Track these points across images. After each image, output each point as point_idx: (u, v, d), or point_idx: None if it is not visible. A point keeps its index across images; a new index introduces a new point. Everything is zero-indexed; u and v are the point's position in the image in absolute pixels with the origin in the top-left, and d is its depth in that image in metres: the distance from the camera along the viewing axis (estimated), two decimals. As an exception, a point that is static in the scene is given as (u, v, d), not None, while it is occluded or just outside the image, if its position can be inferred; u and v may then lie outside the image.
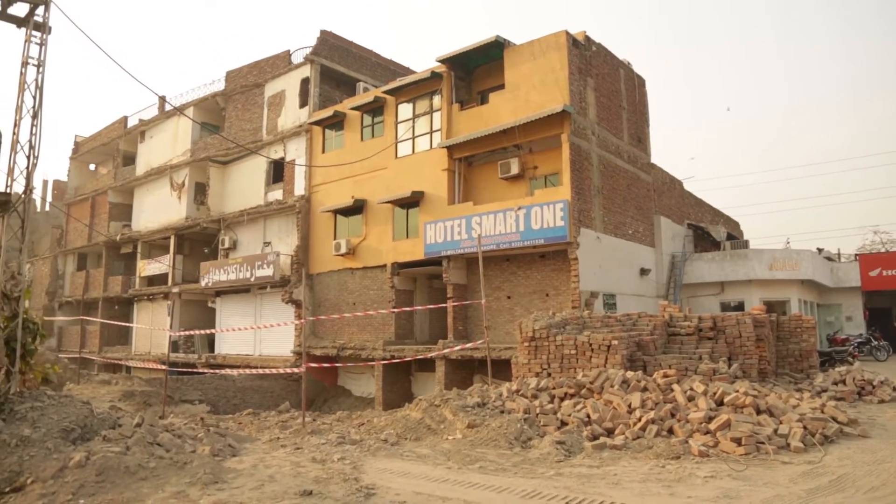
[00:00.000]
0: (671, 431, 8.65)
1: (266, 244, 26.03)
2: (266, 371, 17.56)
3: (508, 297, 19.02)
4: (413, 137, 21.58)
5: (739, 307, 22.08)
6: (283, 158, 25.83)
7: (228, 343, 26.67)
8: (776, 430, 8.08)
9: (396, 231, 21.68)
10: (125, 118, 35.23)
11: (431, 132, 21.05)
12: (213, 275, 26.09)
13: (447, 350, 17.70)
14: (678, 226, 24.80)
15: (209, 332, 25.68)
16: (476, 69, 21.00)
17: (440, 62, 20.33)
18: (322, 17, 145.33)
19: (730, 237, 27.85)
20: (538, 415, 9.78)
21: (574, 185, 17.65)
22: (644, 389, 10.03)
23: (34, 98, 9.18)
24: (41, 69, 9.30)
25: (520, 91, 18.81)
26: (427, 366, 20.15)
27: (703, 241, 26.66)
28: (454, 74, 20.62)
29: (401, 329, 21.42)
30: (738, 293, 23.05)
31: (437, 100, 20.87)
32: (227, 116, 28.69)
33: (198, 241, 30.39)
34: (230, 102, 28.63)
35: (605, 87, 20.43)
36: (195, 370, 23.42)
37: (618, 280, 19.55)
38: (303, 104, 25.39)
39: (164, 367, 16.61)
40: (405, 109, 21.95)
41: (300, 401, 14.38)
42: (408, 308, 20.85)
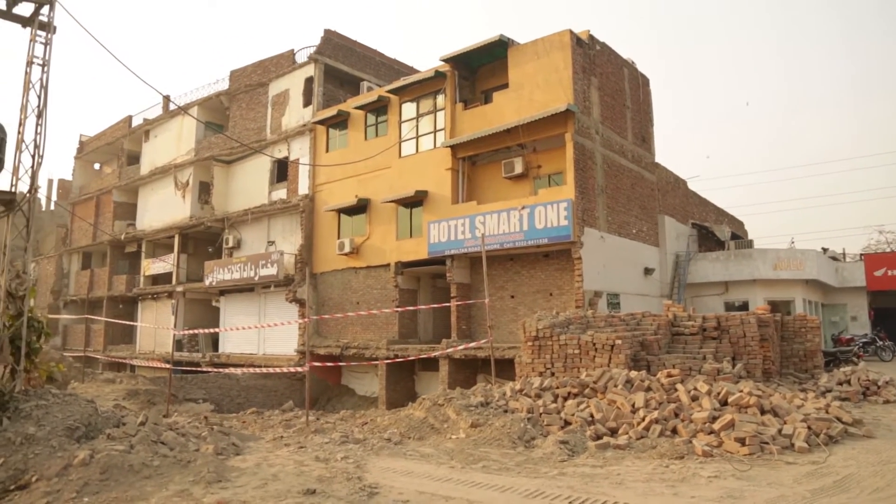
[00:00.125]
0: (675, 431, 8.64)
1: (270, 243, 26.06)
2: (270, 370, 17.58)
3: (512, 297, 19.00)
4: (417, 137, 21.59)
5: (744, 307, 22.03)
6: (287, 158, 25.87)
7: (232, 342, 26.72)
8: (780, 431, 8.06)
9: (400, 230, 21.68)
10: (130, 118, 35.32)
11: (435, 131, 21.05)
12: (217, 274, 26.14)
13: (451, 349, 17.70)
14: (682, 225, 24.75)
15: (213, 331, 25.72)
16: (480, 68, 20.99)
17: (444, 61, 20.33)
18: (326, 17, 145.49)
19: (734, 237, 27.78)
20: (542, 414, 9.77)
21: (578, 185, 17.63)
22: (648, 389, 10.02)
23: (39, 97, 9.20)
24: (46, 69, 9.31)
25: (523, 90, 18.79)
26: (430, 365, 20.15)
27: (708, 241, 26.59)
28: (458, 74, 20.61)
29: (404, 328, 21.43)
30: (743, 293, 22.99)
31: (441, 99, 20.87)
32: (232, 116, 28.73)
33: (202, 241, 30.46)
34: (234, 102, 28.68)
35: (609, 87, 20.40)
36: (199, 369, 23.47)
37: (621, 279, 19.52)
38: (307, 103, 25.41)
39: (169, 366, 16.63)
40: (409, 109, 21.95)
41: (304, 400, 14.41)
42: (411, 307, 20.86)
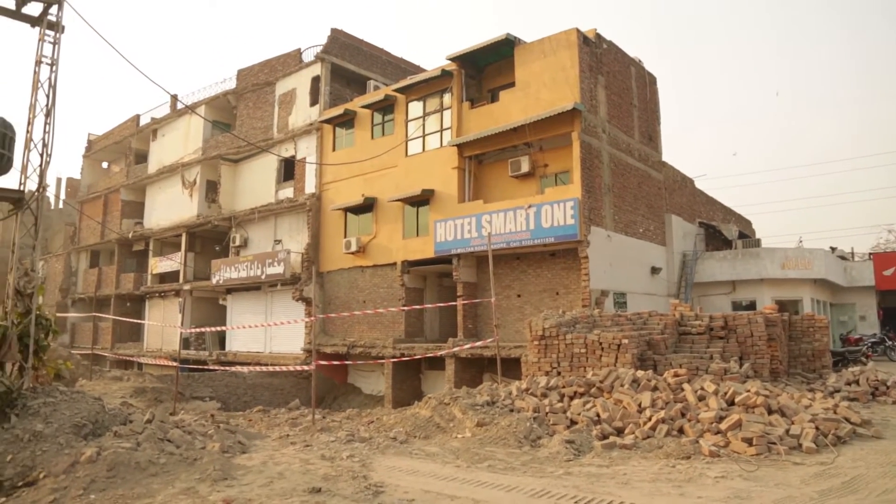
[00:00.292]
0: (681, 431, 8.60)
1: (277, 242, 26.12)
2: (276, 368, 17.65)
3: (518, 296, 18.98)
4: (423, 136, 21.58)
5: (751, 306, 21.92)
6: (294, 156, 25.91)
7: (239, 340, 26.80)
8: (788, 431, 8.01)
9: (406, 229, 21.69)
10: (137, 117, 35.46)
11: (442, 130, 21.03)
12: (224, 272, 26.22)
13: (457, 348, 17.69)
14: (689, 224, 24.65)
15: (220, 330, 25.81)
16: (486, 67, 20.95)
17: (450, 60, 20.31)
18: (333, 16, 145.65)
19: (742, 236, 27.64)
20: (548, 414, 9.76)
21: (584, 184, 17.58)
22: (654, 389, 9.98)
23: (47, 96, 9.26)
24: (54, 68, 9.37)
25: (530, 89, 18.75)
26: (437, 364, 20.15)
27: (715, 240, 26.47)
28: (464, 72, 20.58)
29: (411, 327, 21.43)
30: (750, 292, 22.88)
31: (448, 98, 20.85)
32: (239, 115, 28.81)
33: (209, 239, 30.57)
34: (241, 101, 28.75)
35: (616, 85, 20.33)
36: (206, 367, 23.55)
37: (628, 279, 19.46)
38: (313, 102, 25.45)
39: (176, 364, 16.70)
40: (415, 107, 21.94)
41: (310, 398, 14.44)
42: (418, 306, 20.86)
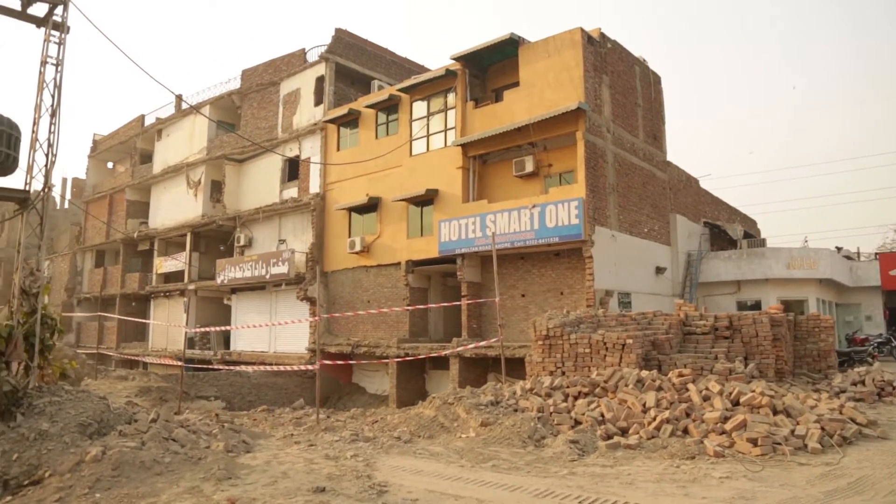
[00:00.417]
0: (686, 431, 8.58)
1: (281, 242, 26.15)
2: (281, 368, 17.67)
3: (523, 296, 18.96)
4: (427, 135, 21.58)
5: (756, 306, 21.85)
6: (299, 156, 25.94)
7: (244, 340, 26.85)
8: (793, 431, 7.99)
9: (411, 229, 21.69)
10: (142, 117, 35.55)
11: (446, 130, 21.03)
12: (229, 272, 26.28)
13: (461, 348, 17.69)
14: (694, 224, 24.59)
15: (225, 329, 25.86)
16: (490, 67, 20.94)
17: (455, 60, 20.30)
18: (337, 16, 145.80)
19: (747, 235, 27.56)
20: (552, 413, 9.75)
21: (589, 183, 17.55)
22: (659, 389, 9.96)
23: (53, 97, 9.28)
24: (60, 68, 9.38)
25: (534, 88, 18.73)
26: (441, 364, 20.16)
27: (720, 240, 26.41)
28: (469, 72, 20.57)
29: (415, 327, 21.44)
30: (755, 292, 22.81)
31: (452, 98, 20.85)
32: (243, 114, 28.85)
33: (214, 239, 30.63)
34: (246, 101, 28.80)
35: (621, 85, 20.29)
36: (211, 367, 23.60)
37: (633, 278, 19.42)
38: (318, 102, 25.47)
39: (181, 364, 16.73)
40: (420, 107, 21.95)
41: (314, 398, 14.45)
42: (422, 306, 20.87)
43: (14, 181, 28.22)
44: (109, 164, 40.69)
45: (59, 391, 8.43)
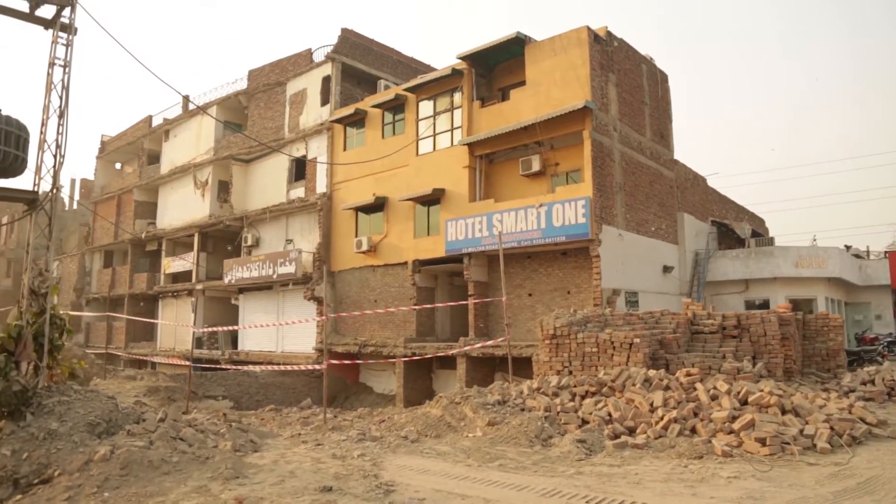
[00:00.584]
0: (694, 431, 8.55)
1: (288, 241, 26.22)
2: (288, 368, 17.73)
3: (530, 295, 18.94)
4: (434, 135, 21.57)
5: (764, 305, 21.75)
6: (305, 156, 25.99)
7: (251, 340, 26.94)
8: (802, 431, 7.94)
9: (417, 228, 21.70)
10: (150, 117, 35.71)
11: (452, 129, 21.02)
12: (236, 272, 26.36)
13: (468, 347, 17.69)
14: (702, 223, 24.49)
15: (232, 329, 25.95)
16: (497, 66, 20.91)
17: (461, 59, 20.28)
18: (343, 16, 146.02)
19: (755, 234, 27.43)
20: (559, 413, 9.73)
21: (596, 182, 17.51)
22: (666, 388, 9.93)
23: (60, 98, 9.33)
24: (67, 69, 9.43)
25: (541, 87, 18.69)
26: (448, 363, 20.15)
27: (728, 239, 26.29)
28: (475, 71, 20.55)
29: (422, 326, 21.45)
30: (763, 291, 22.70)
31: (458, 97, 20.83)
32: (250, 115, 28.93)
33: (221, 239, 30.72)
34: (252, 101, 28.87)
35: (627, 83, 20.23)
36: (219, 366, 23.68)
37: (640, 277, 19.37)
38: (324, 102, 25.51)
39: (188, 363, 16.81)
40: (426, 107, 21.94)
41: (322, 397, 14.48)
42: (429, 305, 20.87)
43: (23, 182, 28.40)
44: (117, 165, 40.90)
45: (68, 391, 8.48)
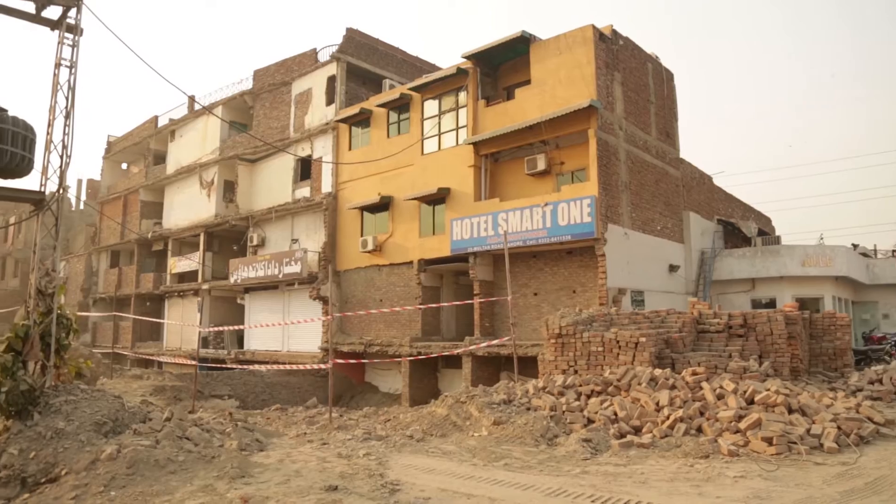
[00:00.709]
0: (700, 430, 8.53)
1: (294, 241, 26.26)
2: (294, 367, 17.76)
3: (535, 294, 18.91)
4: (439, 134, 21.57)
5: (771, 304, 21.66)
6: (311, 156, 26.03)
7: (257, 339, 26.99)
8: (809, 430, 7.90)
9: (423, 228, 21.70)
10: (156, 118, 35.81)
11: (457, 129, 21.01)
12: (242, 272, 26.42)
13: (473, 347, 17.68)
14: (708, 221, 24.41)
15: (238, 329, 26.01)
16: (502, 65, 20.89)
17: (466, 58, 20.27)
18: (348, 15, 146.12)
19: (761, 233, 27.33)
20: (564, 412, 9.72)
21: (601, 181, 17.47)
22: (672, 387, 9.90)
23: (67, 99, 9.36)
24: (73, 70, 9.47)
25: (546, 86, 18.66)
26: (453, 362, 20.15)
27: (734, 237, 26.20)
28: (480, 70, 20.53)
29: (427, 326, 21.45)
30: (770, 290, 22.61)
31: (463, 96, 20.82)
32: (255, 115, 28.99)
33: (227, 239, 30.81)
34: (258, 101, 28.93)
35: (633, 82, 20.17)
36: (225, 366, 23.76)
37: (646, 277, 19.32)
38: (329, 102, 25.54)
39: (195, 363, 16.86)
40: (431, 106, 21.94)
41: (327, 397, 14.50)
42: (434, 305, 20.88)
43: (29, 183, 28.53)
44: (123, 165, 41.05)
45: (75, 390, 8.52)
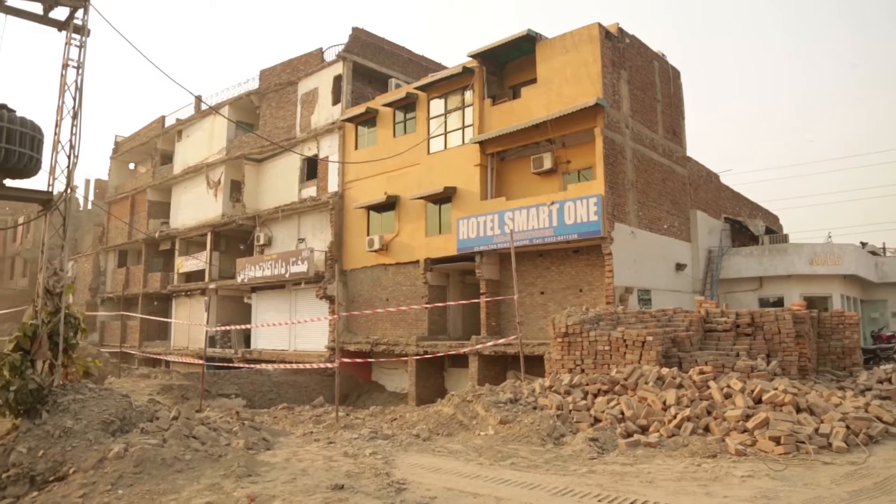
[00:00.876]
0: (707, 429, 8.49)
1: (300, 240, 26.31)
2: (301, 366, 17.79)
3: (542, 293, 18.89)
4: (445, 133, 21.56)
5: (778, 303, 21.56)
6: (317, 155, 26.06)
7: (264, 338, 27.06)
8: (817, 430, 7.86)
9: (429, 227, 21.69)
10: (163, 118, 35.95)
11: (464, 128, 20.99)
12: (249, 271, 26.50)
13: (480, 346, 17.67)
14: (715, 220, 24.31)
15: (245, 328, 26.09)
16: (508, 64, 20.86)
17: (472, 57, 20.24)
18: (353, 15, 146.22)
19: (769, 231, 27.19)
20: (571, 411, 9.70)
21: (608, 180, 17.43)
22: (679, 386, 9.87)
23: (74, 99, 9.41)
24: (80, 71, 9.51)
25: (552, 85, 18.62)
26: (460, 361, 20.15)
27: (741, 236, 26.07)
28: (486, 69, 20.51)
29: (434, 325, 21.45)
30: (778, 289, 22.49)
31: (469, 95, 20.80)
32: (262, 115, 29.06)
33: (234, 238, 30.89)
34: (264, 101, 28.99)
35: (639, 80, 20.10)
36: (232, 365, 23.82)
37: (653, 275, 19.26)
38: (335, 101, 25.57)
39: (202, 362, 16.91)
40: (437, 105, 21.93)
41: (334, 396, 14.52)
42: (441, 304, 20.88)
43: (37, 183, 28.65)
44: (131, 165, 41.22)
45: (83, 389, 8.56)
